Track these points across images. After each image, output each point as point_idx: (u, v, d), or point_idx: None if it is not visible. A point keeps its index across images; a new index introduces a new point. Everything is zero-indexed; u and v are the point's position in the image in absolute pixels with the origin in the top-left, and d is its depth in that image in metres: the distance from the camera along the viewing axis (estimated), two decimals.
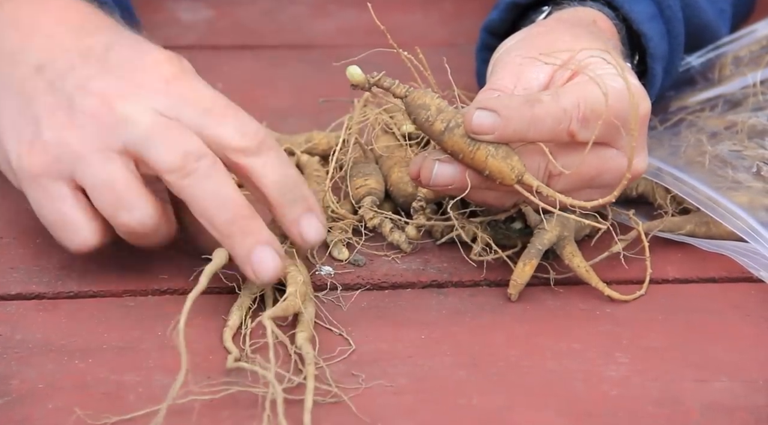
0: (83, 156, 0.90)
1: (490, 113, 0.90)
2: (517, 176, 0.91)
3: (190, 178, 0.89)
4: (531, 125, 0.90)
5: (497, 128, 0.90)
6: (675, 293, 0.97)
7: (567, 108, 0.90)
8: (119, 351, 0.88)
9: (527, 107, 0.90)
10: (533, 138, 0.91)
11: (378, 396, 0.85)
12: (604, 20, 1.04)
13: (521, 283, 0.94)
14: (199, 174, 0.89)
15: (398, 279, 0.97)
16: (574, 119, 0.91)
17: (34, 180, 0.91)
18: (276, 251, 0.89)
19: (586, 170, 0.93)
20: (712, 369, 0.88)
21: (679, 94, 1.17)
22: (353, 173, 1.04)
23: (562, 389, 0.86)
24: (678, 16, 1.08)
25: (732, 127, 1.09)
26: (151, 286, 0.96)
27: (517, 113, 0.90)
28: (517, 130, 0.90)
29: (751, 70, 1.15)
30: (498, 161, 0.90)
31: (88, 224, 0.91)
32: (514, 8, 1.09)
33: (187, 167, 0.89)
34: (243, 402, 0.83)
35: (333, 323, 0.92)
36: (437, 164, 0.92)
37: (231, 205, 0.89)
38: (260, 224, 0.90)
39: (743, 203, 1.00)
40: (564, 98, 0.91)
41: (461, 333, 0.92)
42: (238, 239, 0.89)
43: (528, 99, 0.91)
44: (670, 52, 1.08)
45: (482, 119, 0.90)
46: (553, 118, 0.90)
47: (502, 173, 0.90)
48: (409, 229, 0.99)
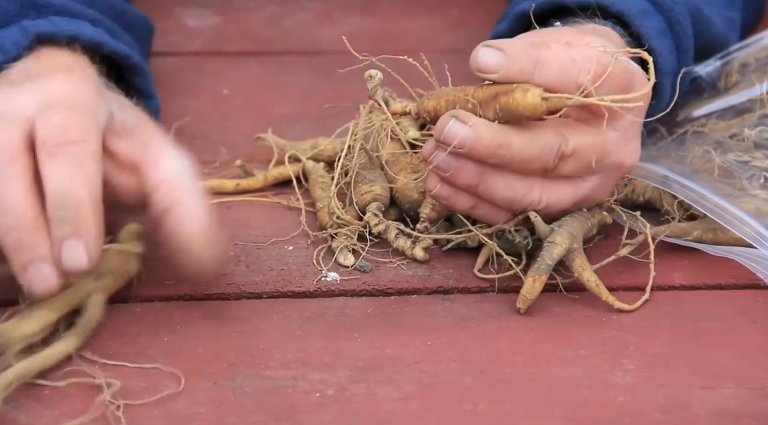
0: None
1: (496, 51, 0.89)
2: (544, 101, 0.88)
3: None
4: (537, 67, 0.89)
5: (502, 66, 0.89)
6: (681, 300, 0.97)
7: (576, 59, 0.90)
8: (125, 357, 0.88)
9: (534, 48, 0.89)
10: (538, 81, 0.89)
11: (384, 403, 0.85)
12: (616, 36, 1.04)
13: (531, 299, 0.93)
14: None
15: (404, 285, 0.97)
16: (583, 71, 0.89)
17: None
18: (50, 269, 0.84)
19: (592, 152, 0.93)
20: (719, 376, 0.88)
21: (686, 104, 1.17)
22: (358, 180, 1.04)
23: (569, 396, 0.86)
24: (687, 32, 1.08)
25: (738, 135, 1.09)
26: (157, 292, 0.96)
27: (524, 54, 0.89)
28: (523, 69, 0.89)
29: (758, 77, 1.15)
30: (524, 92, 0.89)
31: None
32: (523, 19, 1.09)
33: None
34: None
35: (339, 329, 0.92)
36: (453, 120, 0.90)
37: (13, 213, 0.84)
38: (41, 238, 0.84)
39: (750, 210, 1.00)
40: (575, 50, 0.90)
41: (467, 339, 0.92)
42: (13, 251, 0.85)
43: (536, 43, 0.90)
44: (678, 66, 1.08)
45: (487, 56, 0.89)
46: (560, 64, 0.89)
47: (526, 101, 0.88)
48: (416, 250, 0.99)
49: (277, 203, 1.07)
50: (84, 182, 0.85)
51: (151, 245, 1.01)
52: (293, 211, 1.06)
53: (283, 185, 1.09)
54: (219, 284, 0.97)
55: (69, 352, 0.87)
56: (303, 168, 1.09)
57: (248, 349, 0.90)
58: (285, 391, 0.86)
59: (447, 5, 1.42)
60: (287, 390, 0.86)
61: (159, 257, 0.99)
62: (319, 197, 1.04)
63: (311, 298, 0.96)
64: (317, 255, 1.00)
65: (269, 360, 0.89)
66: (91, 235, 0.85)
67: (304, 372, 0.88)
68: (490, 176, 0.92)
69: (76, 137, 0.86)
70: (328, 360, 0.89)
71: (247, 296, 0.96)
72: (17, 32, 0.98)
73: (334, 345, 0.90)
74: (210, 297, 0.96)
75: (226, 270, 0.99)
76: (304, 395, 0.85)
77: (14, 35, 0.97)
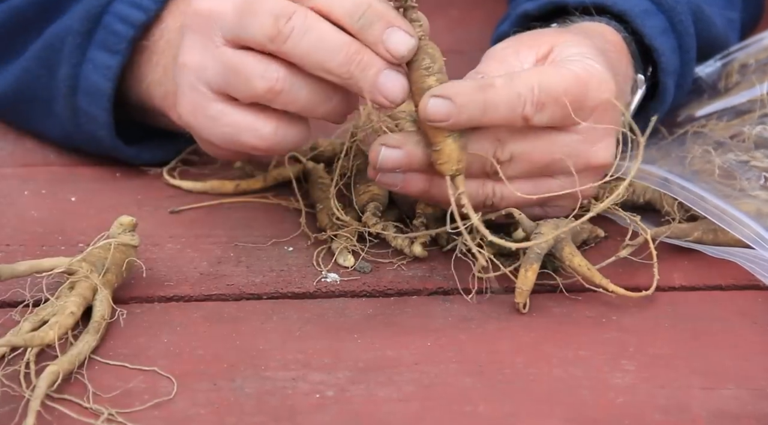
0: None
1: (444, 101, 0.90)
2: (456, 172, 0.91)
3: (291, 39, 0.90)
4: (484, 112, 0.91)
5: (451, 115, 0.90)
6: (681, 301, 0.97)
7: (521, 92, 0.91)
8: (125, 358, 0.88)
9: (480, 93, 0.91)
10: (488, 124, 0.91)
11: (384, 404, 0.85)
12: (613, 34, 1.04)
13: (527, 290, 0.94)
14: (297, 32, 0.89)
15: (404, 286, 0.97)
16: (528, 103, 0.91)
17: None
18: (398, 71, 0.90)
19: (537, 156, 0.93)
20: (719, 377, 0.88)
21: (686, 104, 1.17)
22: (356, 180, 1.04)
23: (569, 396, 0.86)
24: (690, 31, 1.08)
25: (738, 135, 1.09)
26: (157, 293, 0.96)
27: (470, 100, 0.90)
28: (471, 117, 0.91)
29: (758, 78, 1.15)
30: (456, 145, 0.91)
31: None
32: (525, 19, 1.09)
33: (283, 31, 0.90)
34: None
35: (339, 330, 0.92)
36: (383, 148, 0.93)
37: (339, 48, 0.90)
38: (371, 53, 0.90)
39: (750, 211, 1.00)
40: (518, 82, 0.91)
41: (467, 340, 0.92)
42: (359, 76, 0.90)
43: (481, 84, 0.91)
44: (681, 66, 1.09)
45: (437, 107, 0.90)
46: (507, 103, 0.91)
47: (450, 158, 0.91)
48: (415, 247, 0.99)
49: (278, 204, 1.07)
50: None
51: (152, 245, 1.01)
52: (293, 212, 1.06)
53: (283, 186, 1.09)
54: (219, 285, 0.97)
55: (87, 353, 0.87)
56: (303, 169, 1.09)
57: (248, 350, 0.90)
58: (285, 392, 0.86)
59: (446, 6, 1.42)
60: (287, 390, 0.86)
61: (158, 258, 0.99)
62: (319, 198, 1.04)
63: (311, 299, 0.96)
64: (317, 256, 1.00)
65: (269, 361, 0.89)
66: (401, 22, 0.90)
67: (304, 372, 0.88)
68: (437, 180, 0.94)
69: None
70: (328, 361, 0.89)
71: (247, 297, 0.96)
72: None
73: (334, 345, 0.90)
74: (210, 298, 0.96)
75: (226, 271, 0.99)
76: (304, 396, 0.85)
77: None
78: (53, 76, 1.08)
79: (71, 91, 1.07)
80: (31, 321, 0.88)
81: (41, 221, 1.05)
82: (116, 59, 1.05)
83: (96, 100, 1.06)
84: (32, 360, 0.85)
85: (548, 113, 0.91)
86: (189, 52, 0.95)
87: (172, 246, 1.01)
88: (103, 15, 1.05)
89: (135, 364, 0.88)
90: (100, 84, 1.06)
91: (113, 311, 0.91)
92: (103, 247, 0.92)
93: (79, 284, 0.90)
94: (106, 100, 1.06)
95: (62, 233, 1.03)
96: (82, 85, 1.06)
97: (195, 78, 0.95)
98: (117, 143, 1.08)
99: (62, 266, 0.91)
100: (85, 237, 1.01)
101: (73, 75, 1.07)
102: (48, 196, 1.09)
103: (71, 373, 0.86)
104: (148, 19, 1.05)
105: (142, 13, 1.04)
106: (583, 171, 0.96)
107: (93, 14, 1.05)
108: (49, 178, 1.11)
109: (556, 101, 0.92)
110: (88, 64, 1.06)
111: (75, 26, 1.06)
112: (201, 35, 0.94)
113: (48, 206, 1.07)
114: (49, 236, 1.03)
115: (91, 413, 0.83)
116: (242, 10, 0.91)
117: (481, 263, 0.92)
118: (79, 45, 1.06)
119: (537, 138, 0.94)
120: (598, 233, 1.01)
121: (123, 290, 0.95)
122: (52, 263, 0.91)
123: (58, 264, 0.91)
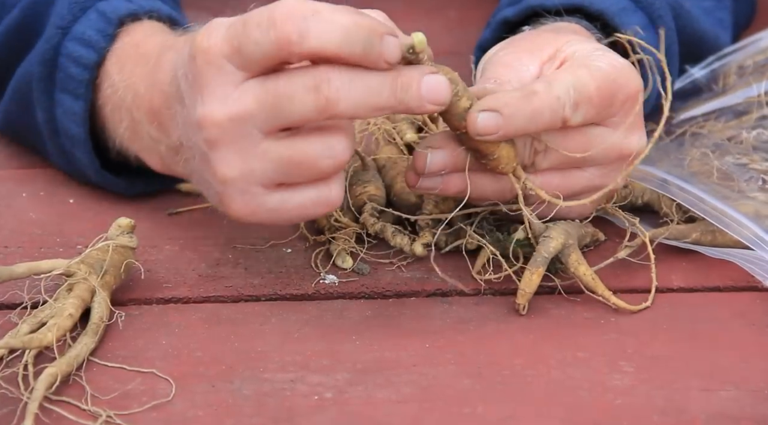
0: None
1: (492, 114, 0.90)
2: (515, 168, 0.93)
3: (341, 100, 0.86)
4: (531, 120, 0.91)
5: (501, 127, 0.90)
6: (680, 302, 0.97)
7: (560, 96, 0.92)
8: (123, 360, 0.88)
9: (525, 101, 0.91)
10: (533, 132, 0.92)
11: (382, 405, 0.85)
12: (584, 32, 1.04)
13: (529, 292, 0.94)
14: (344, 91, 0.85)
15: (402, 288, 0.97)
16: (567, 106, 0.92)
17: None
18: (430, 72, 0.88)
19: (572, 147, 0.94)
20: (718, 379, 0.88)
21: (684, 105, 1.17)
22: (352, 182, 1.04)
23: (567, 398, 0.86)
24: (670, 26, 1.09)
25: (736, 137, 1.09)
26: (155, 295, 0.96)
27: (518, 111, 0.91)
28: (519, 127, 0.91)
29: (756, 79, 1.15)
30: (508, 147, 0.92)
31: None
32: (505, 26, 1.10)
33: (331, 97, 0.85)
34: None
35: (338, 332, 0.92)
36: (429, 151, 0.93)
37: (381, 83, 0.86)
38: (403, 71, 0.87)
39: (749, 212, 1.00)
40: (557, 86, 0.92)
41: (466, 342, 0.92)
42: (407, 98, 0.87)
43: (525, 93, 0.91)
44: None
45: (486, 121, 0.90)
46: (550, 109, 0.91)
47: (509, 158, 0.92)
48: (415, 246, 0.99)
49: None
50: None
51: (150, 247, 1.01)
52: None
53: None
54: (217, 287, 0.97)
55: (86, 355, 0.87)
56: None
57: (246, 352, 0.90)
58: (283, 394, 0.86)
59: (445, 7, 1.42)
60: (286, 392, 0.86)
61: (157, 260, 0.99)
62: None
63: (309, 301, 0.96)
64: (315, 258, 1.00)
65: (268, 363, 0.89)
66: (390, 28, 0.88)
67: (303, 374, 0.88)
68: (474, 177, 0.94)
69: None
70: (326, 363, 0.89)
71: (245, 298, 0.96)
72: (97, 20, 1.03)
73: (333, 347, 0.90)
74: (208, 300, 0.96)
75: (225, 273, 0.99)
76: (303, 397, 0.85)
77: (96, 23, 1.02)
78: (34, 118, 1.07)
79: (54, 134, 1.06)
80: (30, 323, 0.88)
81: (39, 222, 1.05)
82: (80, 105, 1.03)
83: (76, 144, 1.05)
84: (30, 362, 0.85)
85: (582, 112, 0.92)
86: (226, 166, 0.89)
87: (171, 248, 1.01)
88: (58, 57, 1.03)
89: (133, 366, 0.88)
90: (73, 130, 1.04)
91: (111, 313, 0.91)
92: (101, 249, 0.92)
93: (77, 286, 0.90)
94: (83, 144, 1.04)
95: (60, 235, 1.03)
96: (60, 128, 1.05)
97: (243, 185, 0.89)
98: (106, 180, 1.07)
99: (60, 268, 0.91)
100: (83, 239, 1.01)
101: (50, 119, 1.05)
102: (46, 198, 1.09)
103: (69, 375, 0.86)
104: (99, 59, 1.02)
105: (93, 53, 1.02)
106: (616, 162, 0.96)
107: (48, 58, 1.04)
108: (47, 180, 1.11)
109: (590, 101, 0.92)
110: (59, 107, 1.04)
111: (36, 70, 1.05)
112: (232, 144, 0.88)
113: (46, 208, 1.07)
114: (48, 238, 1.03)
115: (90, 415, 0.83)
116: (272, 98, 0.86)
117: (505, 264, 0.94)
118: (45, 89, 1.05)
119: (574, 132, 0.94)
120: (599, 236, 1.01)
121: (121, 292, 0.95)
122: (51, 265, 0.91)
123: (56, 266, 0.91)
